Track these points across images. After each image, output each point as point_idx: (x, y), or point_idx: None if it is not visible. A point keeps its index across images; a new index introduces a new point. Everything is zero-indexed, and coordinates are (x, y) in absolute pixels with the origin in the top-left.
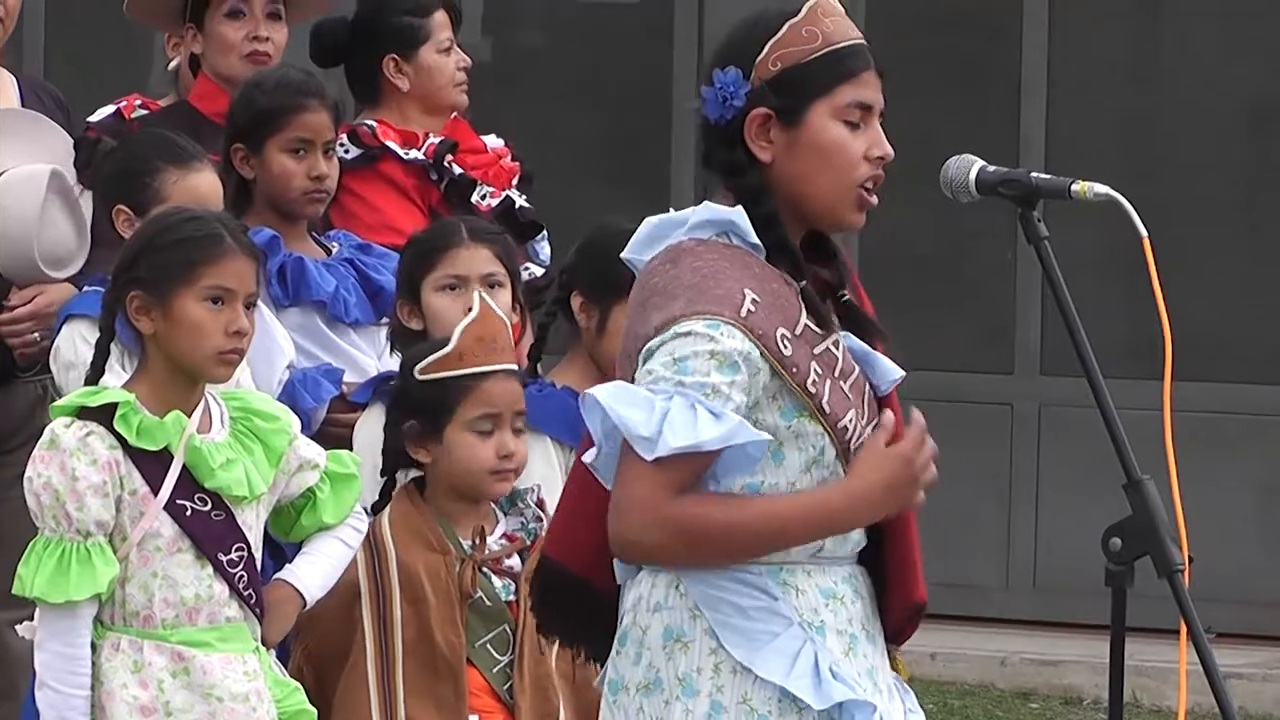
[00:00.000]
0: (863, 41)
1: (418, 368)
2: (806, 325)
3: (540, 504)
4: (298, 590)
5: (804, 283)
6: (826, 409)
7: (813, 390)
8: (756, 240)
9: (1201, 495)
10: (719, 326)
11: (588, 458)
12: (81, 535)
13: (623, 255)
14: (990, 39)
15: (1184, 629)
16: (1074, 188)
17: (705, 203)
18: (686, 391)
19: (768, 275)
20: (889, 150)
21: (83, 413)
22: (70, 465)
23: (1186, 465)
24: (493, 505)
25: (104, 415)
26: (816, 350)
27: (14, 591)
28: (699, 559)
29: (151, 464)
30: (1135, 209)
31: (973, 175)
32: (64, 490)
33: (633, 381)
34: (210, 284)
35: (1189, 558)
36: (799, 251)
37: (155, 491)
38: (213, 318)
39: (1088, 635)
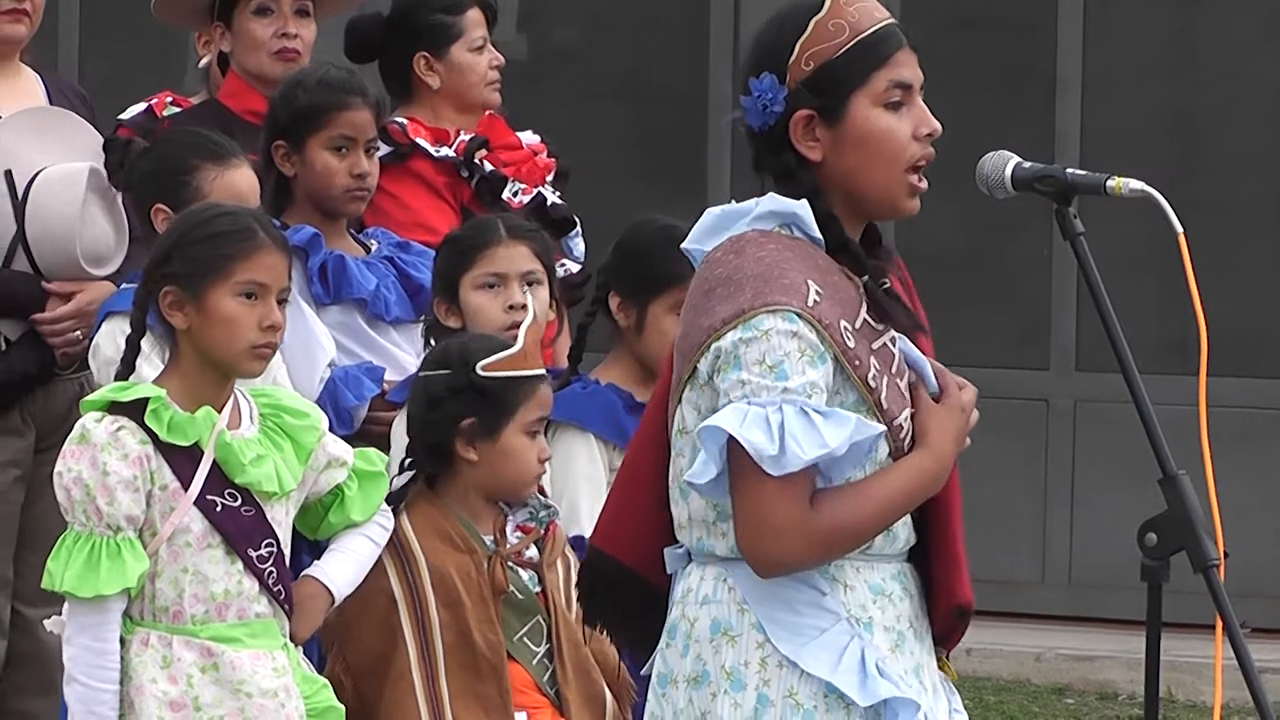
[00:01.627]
0: (891, 21)
1: (482, 364)
2: (865, 320)
3: (542, 491)
4: (326, 587)
5: (866, 278)
6: (884, 404)
7: (873, 385)
8: (819, 234)
9: (1237, 490)
10: (793, 319)
11: (698, 478)
12: (111, 530)
13: (684, 246)
14: (1025, 35)
15: (1219, 624)
16: (1109, 184)
17: (770, 194)
18: (793, 398)
19: (829, 267)
20: (936, 125)
21: (114, 408)
22: (101, 460)
23: (1222, 460)
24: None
25: (135, 410)
26: (874, 345)
27: (43, 586)
28: (836, 557)
29: (182, 459)
30: (1170, 205)
31: (1008, 171)
32: (94, 485)
33: (692, 374)
34: (244, 278)
35: (1224, 553)
36: (860, 249)
37: (186, 487)
38: (246, 312)
39: (1123, 630)
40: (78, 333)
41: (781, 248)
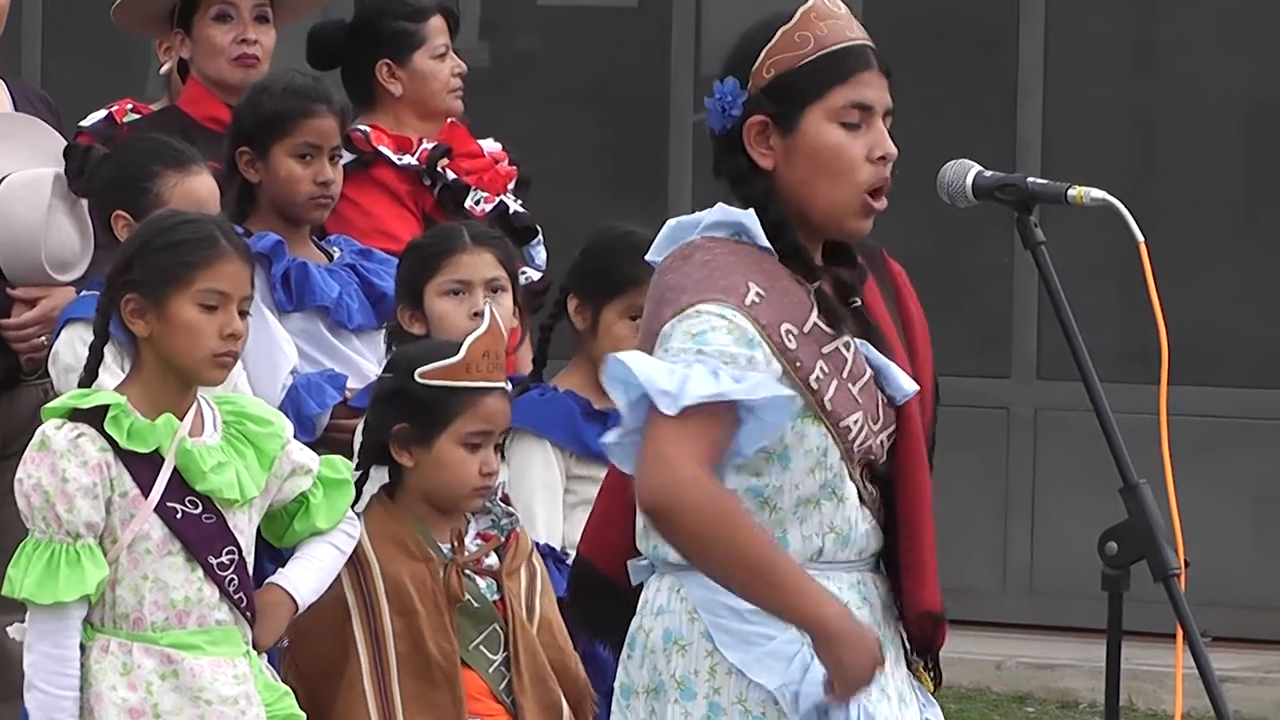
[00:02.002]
0: (862, 42)
1: (420, 371)
2: (816, 324)
3: (505, 499)
4: (290, 594)
5: (818, 284)
6: (828, 406)
7: (815, 386)
8: (767, 243)
9: (1198, 499)
10: (727, 309)
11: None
12: (71, 537)
13: (646, 257)
14: (987, 42)
15: (1180, 633)
16: (1070, 193)
17: (719, 204)
18: (706, 359)
19: (777, 272)
20: (892, 149)
21: (74, 415)
22: (60, 467)
23: (1182, 469)
24: None
25: (95, 417)
26: (825, 350)
27: (3, 593)
28: (701, 544)
29: (142, 466)
30: (1131, 212)
31: (969, 180)
32: (54, 492)
33: None
34: (205, 287)
35: (1185, 562)
36: (810, 255)
37: (146, 494)
38: (207, 320)
39: (1084, 639)
40: (42, 338)
41: (727, 252)
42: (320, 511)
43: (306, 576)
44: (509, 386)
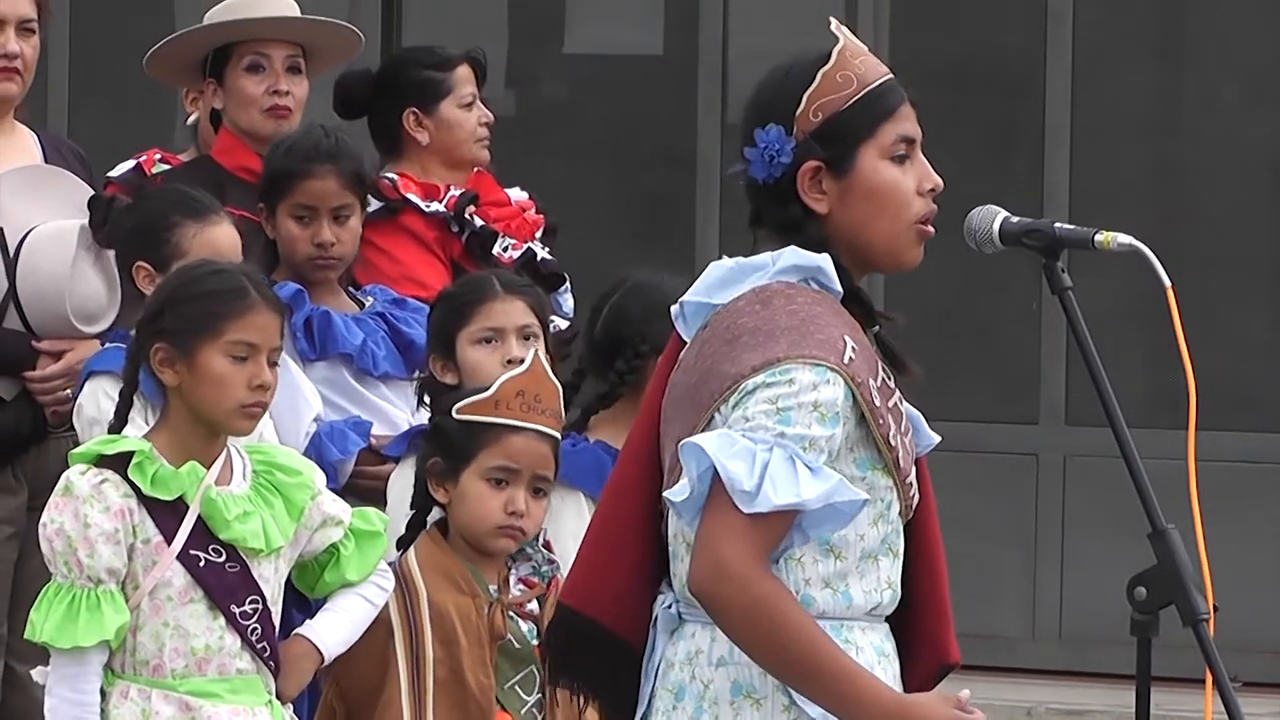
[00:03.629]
0: (893, 76)
1: (456, 405)
2: (884, 378)
3: (548, 546)
4: (315, 646)
5: (877, 328)
6: (900, 464)
7: (893, 443)
8: (839, 288)
9: (1226, 544)
10: (825, 374)
11: (675, 495)
12: (92, 582)
13: (685, 298)
14: (1014, 91)
15: (1209, 678)
16: (1097, 238)
17: (792, 248)
18: (786, 443)
19: (855, 324)
20: (938, 181)
21: (100, 461)
22: (83, 512)
23: (1211, 514)
24: None
25: (120, 463)
26: (889, 403)
27: (25, 636)
28: (745, 641)
29: (166, 514)
30: (1159, 259)
31: (996, 226)
32: (76, 537)
33: (709, 424)
34: (235, 338)
35: (1214, 607)
36: (869, 299)
37: (169, 541)
38: (236, 371)
39: (1113, 685)
40: (68, 391)
41: (811, 301)
42: (351, 563)
43: (334, 628)
44: (550, 431)
